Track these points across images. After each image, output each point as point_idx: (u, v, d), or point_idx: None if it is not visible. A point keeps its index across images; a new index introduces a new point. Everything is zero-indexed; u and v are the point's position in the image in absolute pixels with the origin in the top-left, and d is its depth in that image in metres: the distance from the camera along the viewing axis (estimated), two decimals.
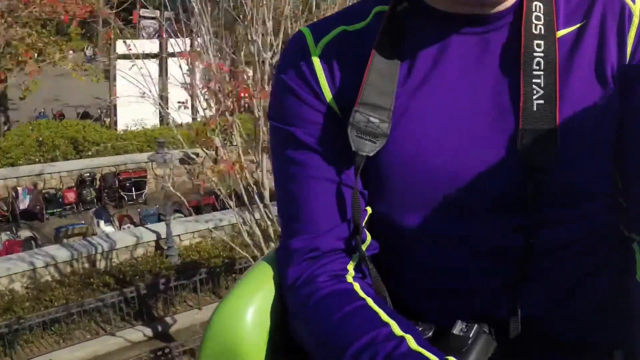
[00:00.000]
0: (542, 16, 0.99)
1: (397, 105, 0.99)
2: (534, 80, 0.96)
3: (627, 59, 0.98)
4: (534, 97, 0.96)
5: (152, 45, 16.24)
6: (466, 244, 0.98)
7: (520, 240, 0.95)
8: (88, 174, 16.15)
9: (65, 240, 12.92)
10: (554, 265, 0.98)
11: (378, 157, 0.99)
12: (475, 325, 0.94)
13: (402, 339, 0.88)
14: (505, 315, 0.98)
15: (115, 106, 19.56)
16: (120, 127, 19.50)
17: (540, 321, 0.99)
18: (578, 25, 0.99)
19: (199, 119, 8.24)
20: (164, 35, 12.47)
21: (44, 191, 15.59)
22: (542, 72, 0.96)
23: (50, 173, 16.16)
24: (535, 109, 0.95)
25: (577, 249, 0.99)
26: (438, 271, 1.01)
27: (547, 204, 0.96)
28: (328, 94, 1.02)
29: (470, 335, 0.92)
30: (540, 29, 0.98)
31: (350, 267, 1.01)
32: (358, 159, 0.99)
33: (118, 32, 13.91)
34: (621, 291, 1.01)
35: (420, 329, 0.95)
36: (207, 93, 7.27)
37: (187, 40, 8.37)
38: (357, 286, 0.98)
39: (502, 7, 0.98)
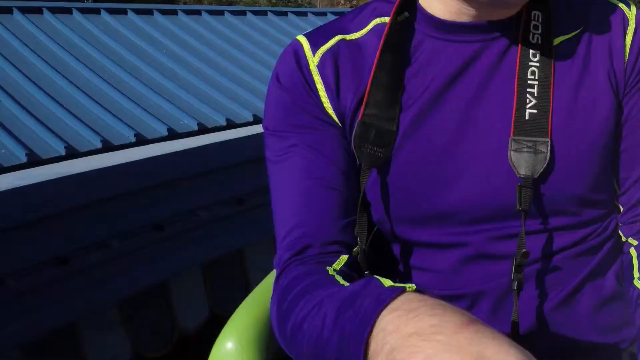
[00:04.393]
0: (539, 25, 0.99)
1: (401, 116, 0.98)
2: (528, 90, 0.96)
3: (624, 64, 0.98)
4: (527, 106, 0.96)
5: None
6: (461, 250, 0.98)
7: (514, 247, 0.95)
8: None
9: None
10: (553, 270, 0.98)
11: (380, 166, 0.99)
12: None
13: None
14: (505, 322, 0.97)
15: None
16: None
17: (541, 327, 0.98)
18: (576, 32, 1.00)
19: None
20: None
21: None
22: (536, 82, 0.97)
23: None
24: (527, 118, 0.95)
25: (576, 254, 0.99)
26: (434, 278, 1.01)
27: (544, 213, 0.96)
28: (327, 103, 1.00)
29: None
30: (537, 38, 0.98)
31: (337, 265, 0.96)
32: (363, 171, 0.98)
33: None
34: (621, 294, 1.01)
35: None
36: None
37: None
38: (338, 277, 0.91)
39: (502, 17, 0.98)
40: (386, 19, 1.02)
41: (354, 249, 0.99)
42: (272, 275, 1.05)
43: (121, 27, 4.90)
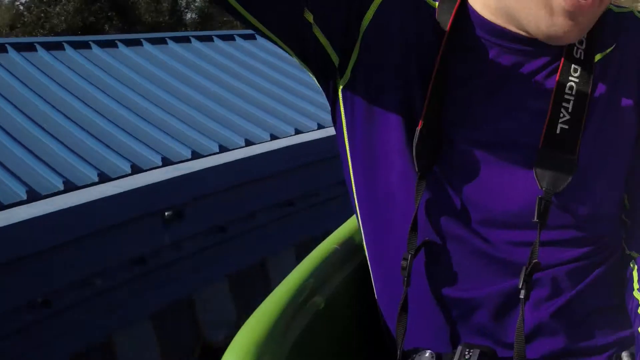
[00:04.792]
0: (584, 40, 0.99)
1: (446, 127, 1.00)
2: (563, 104, 0.97)
3: None
4: (560, 120, 0.97)
5: None
6: (477, 250, 1.00)
7: (526, 256, 0.96)
8: None
9: None
10: (556, 279, 1.00)
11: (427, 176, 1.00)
12: (478, 351, 0.95)
13: None
14: (507, 326, 1.00)
15: None
16: None
17: (539, 330, 1.00)
18: (609, 50, 1.01)
19: None
20: None
21: None
22: (572, 97, 0.97)
23: None
24: (558, 132, 0.97)
25: (580, 266, 1.00)
26: (447, 272, 1.02)
27: (558, 226, 0.98)
28: (365, 23, 1.01)
29: None
30: (580, 53, 0.99)
31: None
32: (419, 182, 0.99)
33: None
34: (620, 304, 1.04)
35: (426, 355, 0.97)
36: None
37: None
38: None
39: None
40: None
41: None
42: (277, 291, 1.07)
43: (112, 60, 4.96)
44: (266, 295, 1.08)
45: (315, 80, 1.08)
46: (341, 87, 1.03)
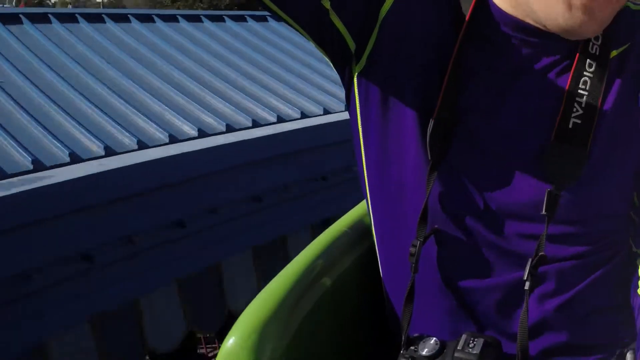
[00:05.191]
0: (600, 36, 0.99)
1: (461, 119, 1.00)
2: (576, 99, 0.97)
3: None
4: (573, 115, 0.97)
5: None
6: (483, 245, 1.01)
7: (533, 248, 0.97)
8: None
9: None
10: (561, 274, 1.00)
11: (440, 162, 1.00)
12: (482, 340, 0.95)
13: None
14: (510, 318, 1.01)
15: None
16: None
17: (542, 325, 1.01)
18: (625, 47, 1.01)
19: None
20: None
21: None
22: (586, 93, 0.97)
23: None
24: (570, 126, 0.97)
25: (586, 262, 1.01)
26: (454, 261, 1.03)
27: (566, 220, 0.98)
28: (384, 12, 1.01)
29: (478, 352, 0.93)
30: (596, 48, 0.99)
31: None
32: (431, 170, 0.99)
33: None
34: (624, 302, 1.04)
35: (431, 342, 0.97)
36: None
37: None
38: None
39: None
40: None
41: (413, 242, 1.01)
42: (285, 271, 1.07)
43: (124, 35, 4.95)
44: None
45: (332, 65, 1.08)
46: (356, 73, 1.04)
